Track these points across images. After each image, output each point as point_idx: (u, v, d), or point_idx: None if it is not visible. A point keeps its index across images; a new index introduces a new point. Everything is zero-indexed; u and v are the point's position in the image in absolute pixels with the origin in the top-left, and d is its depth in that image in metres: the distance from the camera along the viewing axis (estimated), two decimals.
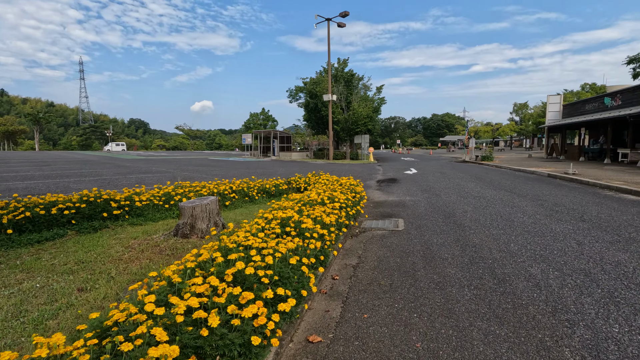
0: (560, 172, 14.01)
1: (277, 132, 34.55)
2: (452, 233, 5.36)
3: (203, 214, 4.74)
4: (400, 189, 10.66)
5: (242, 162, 25.75)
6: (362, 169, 19.56)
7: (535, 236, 5.05)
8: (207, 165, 21.99)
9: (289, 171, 17.04)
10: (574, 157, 24.37)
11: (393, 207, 7.60)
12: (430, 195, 9.12)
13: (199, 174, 15.11)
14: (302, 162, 27.47)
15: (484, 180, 12.50)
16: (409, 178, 13.85)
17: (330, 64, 31.92)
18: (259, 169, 18.96)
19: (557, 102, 28.64)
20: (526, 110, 70.82)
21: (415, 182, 12.45)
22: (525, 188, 10.36)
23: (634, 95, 19.55)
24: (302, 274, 2.91)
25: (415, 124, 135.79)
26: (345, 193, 6.48)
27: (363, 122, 29.49)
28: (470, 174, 15.02)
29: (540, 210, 6.91)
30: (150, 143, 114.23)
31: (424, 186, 11.10)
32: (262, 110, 62.32)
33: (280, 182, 8.69)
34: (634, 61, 32.15)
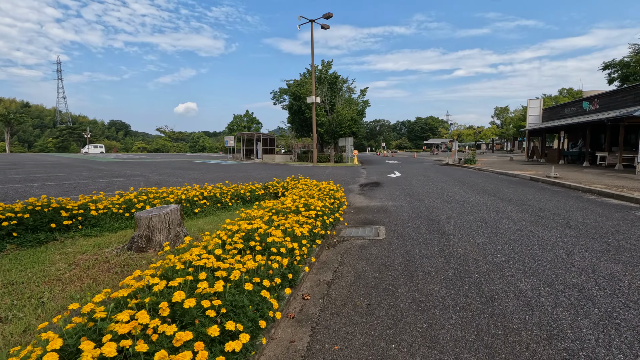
0: (542, 176, 14.02)
1: (261, 135, 33.93)
2: (435, 242, 5.03)
3: (162, 225, 4.25)
4: (383, 193, 10.34)
5: (223, 165, 25.06)
6: (346, 172, 19.24)
7: (523, 245, 4.76)
8: (186, 168, 21.25)
9: (270, 174, 16.55)
10: (554, 160, 24.74)
11: (375, 213, 7.24)
12: (414, 200, 8.82)
13: (175, 178, 14.45)
14: (286, 165, 26.98)
15: (468, 184, 12.33)
16: (392, 182, 13.58)
17: (314, 66, 31.62)
18: (240, 172, 18.39)
19: (537, 105, 29.13)
20: (507, 114, 72.40)
21: (398, 186, 12.17)
22: (508, 192, 10.20)
23: (610, 99, 19.95)
24: (262, 300, 2.47)
25: (400, 127, 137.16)
26: (324, 199, 6.08)
27: (347, 124, 29.24)
28: (454, 178, 14.88)
29: (525, 216, 6.67)
30: (131, 145, 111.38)
31: (408, 190, 10.82)
32: (246, 112, 61.45)
33: (257, 187, 8.22)
34: (609, 67, 33.08)
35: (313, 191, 6.88)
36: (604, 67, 33.69)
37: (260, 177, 15.12)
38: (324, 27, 28.00)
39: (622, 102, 18.84)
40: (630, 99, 18.15)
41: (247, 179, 14.06)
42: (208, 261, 2.66)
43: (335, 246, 5.03)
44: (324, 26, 27.93)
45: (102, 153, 71.69)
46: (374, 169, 21.34)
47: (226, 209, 7.05)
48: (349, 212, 7.41)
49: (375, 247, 4.88)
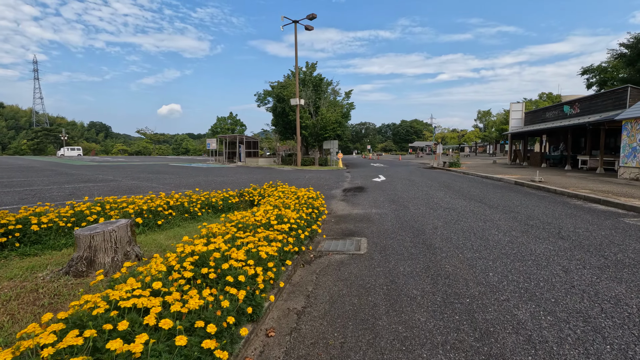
0: (527, 180, 13.88)
1: (244, 137, 33.15)
2: (421, 257, 4.57)
3: (107, 244, 3.64)
4: (366, 199, 9.90)
5: (204, 169, 24.24)
6: (330, 175, 18.78)
7: (516, 261, 4.36)
8: (164, 172, 20.37)
9: (251, 179, 15.93)
10: (536, 164, 24.94)
11: (357, 223, 6.77)
12: (398, 207, 8.40)
13: (150, 183, 13.66)
14: (269, 168, 26.34)
15: (453, 189, 12.03)
16: (376, 186, 13.18)
17: (298, 67, 31.14)
18: (220, 176, 17.68)
19: (520, 109, 29.43)
20: (489, 118, 73.65)
21: (383, 191, 11.76)
22: (495, 198, 9.92)
23: (591, 104, 20.17)
24: (203, 354, 1.93)
25: (385, 130, 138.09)
26: (300, 209, 5.57)
27: (332, 127, 28.84)
28: (439, 182, 14.60)
29: (515, 225, 6.31)
30: (112, 148, 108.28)
31: (392, 196, 10.41)
32: (230, 114, 60.36)
33: (231, 194, 7.63)
34: (587, 72, 33.78)
35: (290, 199, 6.36)
36: (582, 72, 34.39)
37: (240, 182, 14.49)
38: (307, 28, 27.58)
39: (602, 106, 19.05)
40: (610, 103, 18.36)
41: (227, 184, 13.41)
42: (139, 300, 2.10)
43: (312, 263, 4.52)
44: (308, 27, 27.51)
45: (80, 156, 69.24)
46: (358, 173, 20.97)
47: (195, 220, 6.44)
48: (329, 222, 6.91)
49: (355, 264, 4.39)
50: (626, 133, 14.16)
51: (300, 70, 31.10)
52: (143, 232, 5.50)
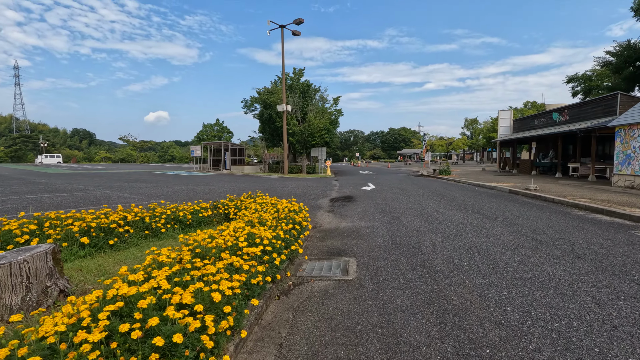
0: (521, 188, 13.38)
1: (229, 144, 32.16)
2: (421, 285, 3.82)
3: (15, 280, 2.77)
4: (355, 210, 9.15)
5: (187, 177, 23.18)
6: (317, 184, 18.01)
7: (535, 289, 3.64)
8: (142, 181, 19.27)
9: (234, 187, 15.03)
10: (526, 171, 24.71)
11: (345, 238, 5.99)
12: (390, 219, 7.67)
13: (122, 193, 12.64)
14: (255, 176, 25.43)
15: (447, 198, 11.40)
16: (366, 195, 12.46)
17: (285, 73, 30.51)
18: (201, 184, 16.71)
19: (508, 117, 29.36)
20: (476, 126, 74.39)
21: (373, 200, 11.04)
22: (492, 208, 9.29)
23: (580, 111, 20.03)
24: None
25: (374, 138, 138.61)
26: (278, 226, 4.76)
27: (320, 134, 28.17)
28: (431, 190, 13.98)
29: (521, 241, 5.63)
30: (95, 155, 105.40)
31: (383, 206, 9.69)
32: (216, 121, 59.22)
33: (204, 206, 6.77)
34: (572, 80, 34.14)
35: (268, 213, 5.55)
36: (567, 81, 34.75)
37: (221, 191, 13.57)
38: (295, 33, 27.01)
39: (591, 113, 18.89)
40: (599, 110, 18.19)
41: (207, 194, 12.49)
42: None
43: (290, 293, 3.71)
44: (295, 32, 26.95)
45: (60, 163, 66.89)
46: (347, 181, 20.26)
47: (158, 237, 5.56)
48: (313, 238, 6.11)
49: (342, 295, 3.60)
50: (620, 140, 13.84)
51: (287, 76, 30.47)
52: (89, 255, 4.60)
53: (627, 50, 23.08)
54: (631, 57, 22.93)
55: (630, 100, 16.71)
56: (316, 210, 9.11)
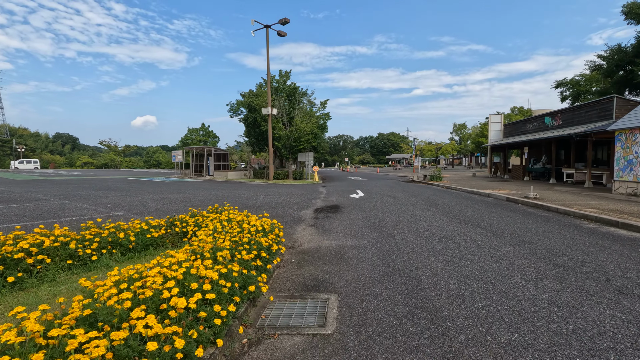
0: (519, 196, 12.51)
1: (212, 149, 30.76)
2: (426, 344, 2.73)
3: None
4: (341, 223, 8.05)
5: (164, 184, 21.77)
6: (303, 191, 16.89)
7: (584, 350, 2.58)
8: (113, 188, 17.82)
9: (212, 196, 13.79)
10: (518, 177, 24.07)
11: (326, 264, 4.88)
12: (381, 236, 6.59)
13: (82, 203, 11.28)
14: (238, 182, 24.16)
15: (442, 208, 10.41)
16: (354, 205, 11.39)
17: (271, 76, 29.43)
18: (176, 193, 15.41)
19: (498, 121, 28.83)
20: (465, 131, 74.59)
21: (361, 210, 9.98)
22: (493, 220, 8.32)
23: (574, 114, 19.45)
24: None
25: (363, 143, 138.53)
26: (236, 255, 3.63)
27: (306, 138, 27.08)
28: (423, 199, 13.01)
29: (541, 267, 4.61)
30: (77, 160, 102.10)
31: (372, 218, 8.63)
32: (202, 125, 57.52)
33: (155, 224, 5.57)
34: (561, 85, 33.98)
35: (230, 234, 4.41)
36: (556, 86, 34.58)
37: (196, 200, 12.33)
38: (280, 34, 25.99)
39: (586, 117, 18.30)
40: (594, 114, 17.60)
41: (179, 203, 11.23)
42: None
43: (243, 358, 2.58)
44: (281, 33, 25.93)
45: (37, 169, 64.17)
46: (334, 187, 19.19)
47: (86, 267, 4.35)
48: (287, 263, 4.98)
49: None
50: (620, 145, 13.14)
51: (273, 79, 29.40)
52: None
53: (618, 54, 22.77)
54: (622, 60, 22.64)
55: (626, 103, 16.14)
56: (296, 224, 7.99)
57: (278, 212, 9.93)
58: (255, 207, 10.94)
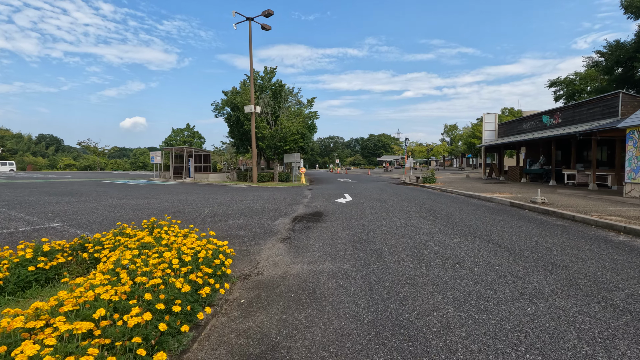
0: (524, 200, 11.21)
1: (192, 150, 28.96)
2: None
3: None
4: (321, 237, 6.56)
5: (136, 187, 19.99)
6: (285, 195, 15.36)
7: None
8: (73, 193, 16.02)
9: (181, 202, 12.17)
10: (515, 178, 22.94)
11: (287, 309, 3.38)
12: (368, 258, 5.12)
13: (19, 212, 9.57)
14: (219, 185, 22.50)
15: (440, 216, 9.01)
16: (339, 211, 9.92)
17: (255, 72, 27.87)
18: (143, 198, 13.72)
19: (493, 120, 27.75)
20: (456, 132, 73.99)
21: (347, 219, 8.51)
22: (503, 231, 6.93)
23: (574, 112, 18.35)
24: None
25: (354, 144, 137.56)
26: None
27: (292, 138, 25.54)
28: (418, 204, 11.61)
29: (600, 315, 3.18)
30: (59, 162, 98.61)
31: (359, 231, 7.16)
32: (186, 125, 55.52)
33: (58, 245, 3.98)
34: (555, 84, 33.14)
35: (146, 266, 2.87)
36: (550, 85, 33.75)
37: (160, 207, 10.71)
38: (264, 27, 24.45)
39: (588, 114, 17.20)
40: (598, 111, 16.49)
41: (136, 211, 9.58)
42: None
43: None
44: (265, 26, 24.39)
45: (13, 171, 61.28)
46: (321, 191, 17.71)
47: None
48: (233, 306, 3.45)
49: None
50: (632, 143, 11.94)
51: (257, 76, 27.82)
52: None
53: (618, 51, 21.83)
54: (623, 57, 21.72)
55: (633, 99, 15.05)
56: (266, 239, 6.46)
57: (249, 222, 8.41)
58: (226, 214, 9.39)
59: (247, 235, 6.83)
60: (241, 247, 5.85)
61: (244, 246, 5.94)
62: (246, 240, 6.38)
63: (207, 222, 8.20)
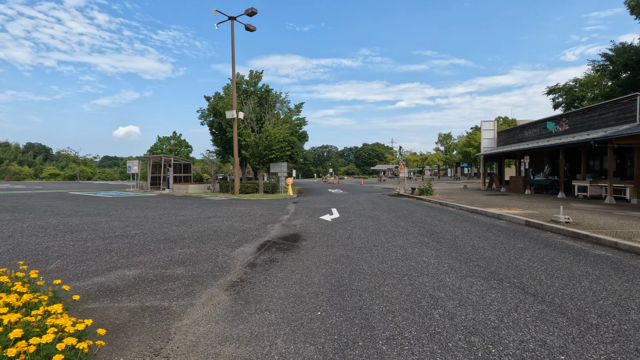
0: (541, 218, 9.45)
1: (171, 159, 26.92)
2: None
3: None
4: (285, 282, 4.67)
5: (101, 200, 17.92)
6: (265, 210, 13.45)
7: None
8: (16, 209, 13.94)
9: (138, 219, 10.19)
10: (518, 190, 21.31)
11: None
12: (347, 330, 3.24)
13: None
14: (196, 198, 20.50)
15: (446, 242, 7.18)
16: (321, 234, 8.04)
17: (240, 76, 26.16)
18: (96, 215, 11.70)
19: (492, 128, 26.27)
20: (451, 141, 72.92)
21: (328, 247, 6.64)
22: (536, 269, 5.11)
23: (584, 118, 16.82)
24: None
25: (348, 153, 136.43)
26: None
27: (279, 146, 23.71)
28: (415, 222, 9.79)
29: None
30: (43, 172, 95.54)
31: (341, 269, 5.28)
32: (173, 134, 53.47)
33: None
34: (553, 91, 31.95)
35: None
36: (548, 92, 32.57)
37: (104, 229, 8.74)
38: (248, 28, 22.80)
39: (599, 120, 15.67)
40: (611, 116, 14.96)
41: (73, 233, 7.58)
42: None
43: None
44: (249, 27, 22.74)
45: None
46: (307, 204, 15.84)
47: None
48: None
49: None
50: None
51: (242, 80, 26.10)
52: None
53: (626, 53, 20.54)
54: (631, 59, 20.43)
55: None
56: (208, 284, 4.54)
57: (201, 251, 6.49)
58: (178, 239, 7.45)
59: (184, 276, 4.92)
60: (161, 303, 3.94)
61: (167, 300, 4.03)
62: (178, 287, 4.46)
63: (145, 252, 6.27)
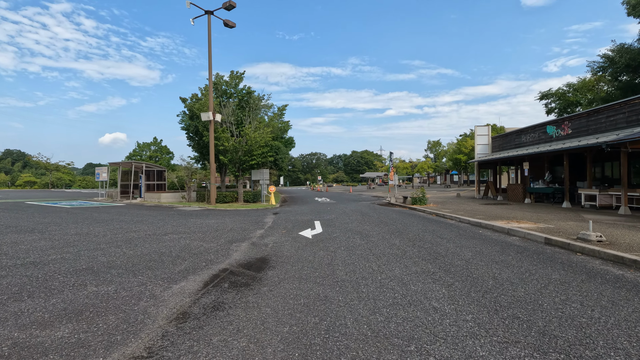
0: (563, 235, 7.86)
1: (143, 165, 24.76)
2: None
3: None
4: (222, 356, 2.86)
5: (54, 212, 15.75)
6: (238, 223, 11.59)
7: None
8: None
9: (84, 235, 8.23)
10: (517, 199, 19.92)
11: None
12: None
13: None
14: (166, 208, 18.48)
15: (457, 271, 5.48)
16: (296, 259, 6.26)
17: (219, 76, 24.37)
18: (26, 232, 9.66)
19: (486, 133, 25.00)
20: (440, 148, 72.22)
21: (301, 281, 4.87)
22: (597, 320, 3.43)
23: (589, 121, 15.54)
24: None
25: (337, 161, 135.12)
26: None
27: (260, 152, 21.91)
28: (413, 241, 8.10)
29: None
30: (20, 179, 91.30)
31: (312, 323, 3.51)
32: (153, 139, 51.10)
33: None
34: (546, 97, 31.10)
35: None
36: (540, 97, 31.72)
37: (19, 251, 6.77)
38: (227, 24, 21.10)
39: (607, 123, 14.39)
40: (621, 118, 13.68)
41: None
42: None
43: None
44: (228, 23, 21.04)
45: None
46: (289, 215, 14.03)
47: None
48: None
49: None
50: None
51: (221, 80, 24.30)
52: None
53: (629, 54, 19.58)
54: (634, 60, 19.47)
55: None
56: (127, 344, 2.70)
57: (121, 289, 4.63)
58: (106, 267, 5.55)
59: (61, 346, 3.07)
60: None
61: None
62: None
63: (38, 293, 4.37)
